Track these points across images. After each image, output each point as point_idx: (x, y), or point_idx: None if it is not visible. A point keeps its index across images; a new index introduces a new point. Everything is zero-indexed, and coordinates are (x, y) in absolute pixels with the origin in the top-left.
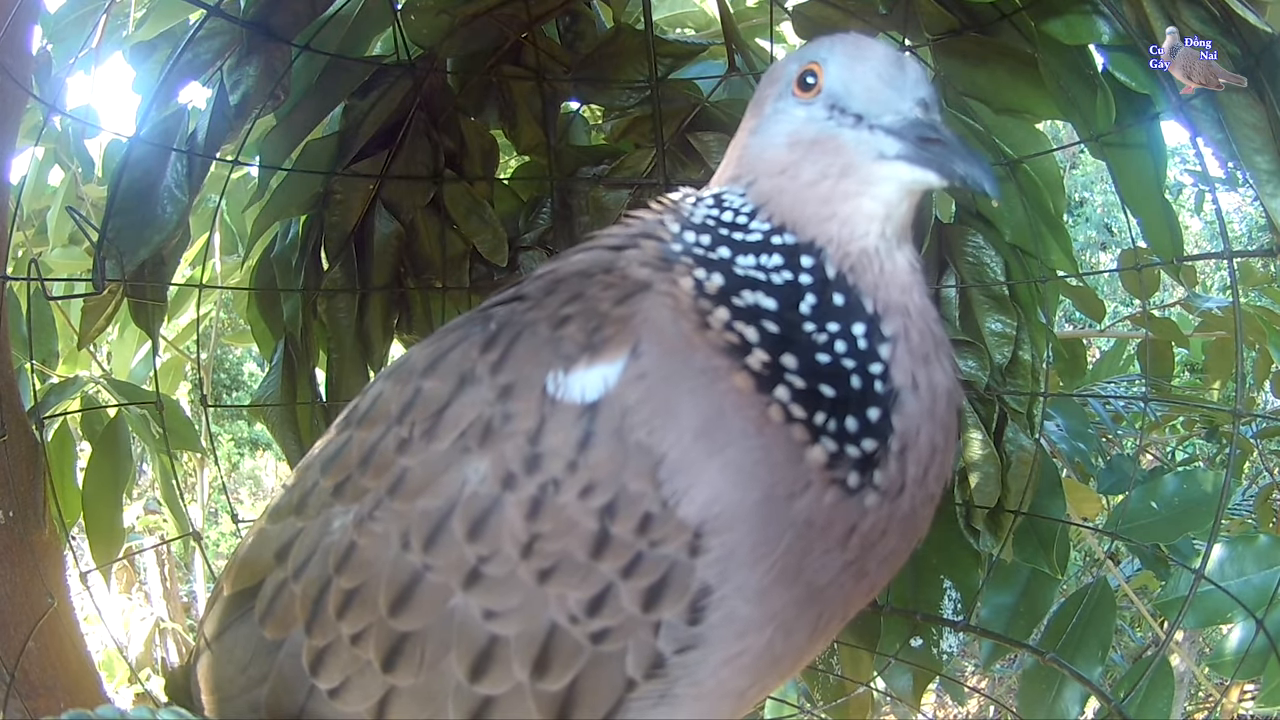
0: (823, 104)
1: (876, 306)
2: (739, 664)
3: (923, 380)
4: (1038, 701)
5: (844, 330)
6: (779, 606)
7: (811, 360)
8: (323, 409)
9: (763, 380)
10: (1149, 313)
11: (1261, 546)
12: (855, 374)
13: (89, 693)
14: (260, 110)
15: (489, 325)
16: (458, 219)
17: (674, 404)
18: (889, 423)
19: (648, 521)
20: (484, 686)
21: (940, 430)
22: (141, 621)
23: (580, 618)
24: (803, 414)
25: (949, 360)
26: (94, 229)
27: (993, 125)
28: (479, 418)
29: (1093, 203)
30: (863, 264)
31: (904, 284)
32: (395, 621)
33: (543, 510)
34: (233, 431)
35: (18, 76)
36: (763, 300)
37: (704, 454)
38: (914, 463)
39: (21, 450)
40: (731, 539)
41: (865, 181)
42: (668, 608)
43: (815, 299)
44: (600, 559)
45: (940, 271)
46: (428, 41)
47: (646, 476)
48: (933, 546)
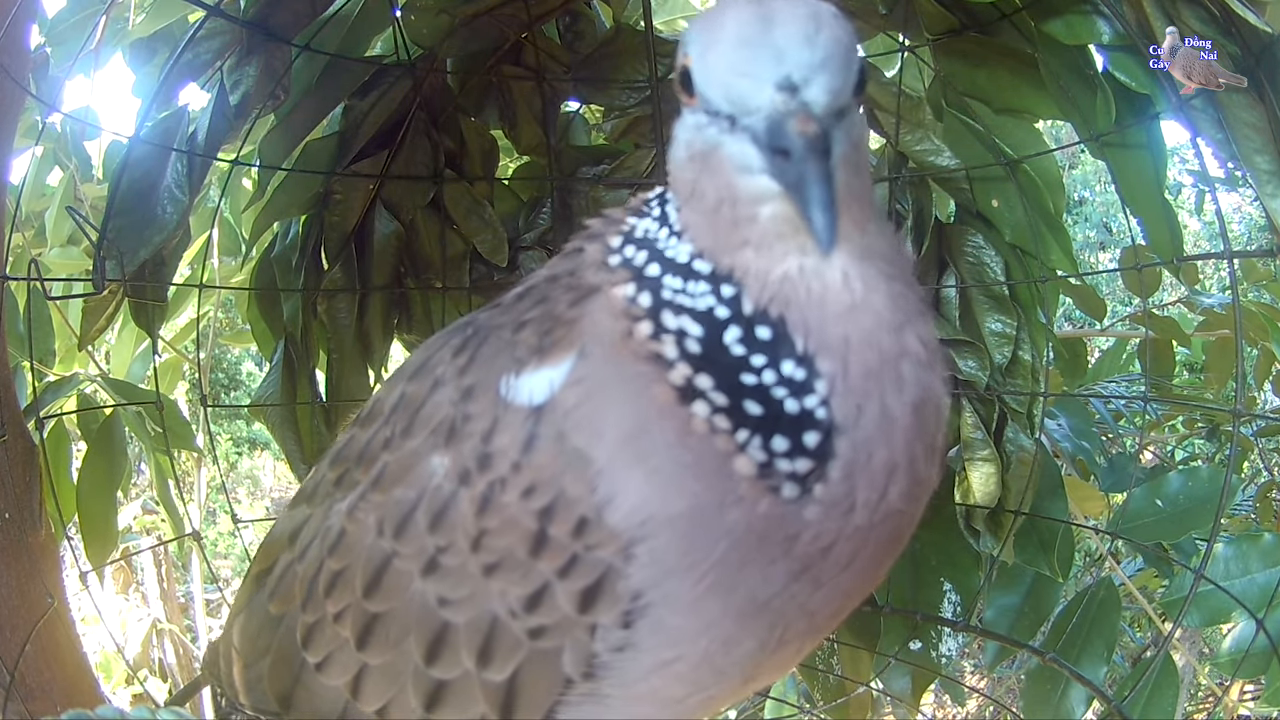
0: (702, 106)
1: (808, 344)
2: (672, 671)
3: (872, 411)
4: (1042, 702)
5: (772, 363)
6: (714, 616)
7: (735, 381)
8: (323, 409)
9: (684, 393)
10: (1150, 311)
11: (1266, 545)
12: (789, 399)
13: (86, 694)
14: (260, 110)
15: (466, 331)
16: (458, 219)
17: (605, 410)
18: (829, 447)
19: (583, 525)
20: (437, 670)
21: (902, 451)
22: (139, 622)
23: (519, 613)
24: (726, 426)
25: (920, 372)
26: (94, 229)
27: (993, 125)
28: (445, 417)
29: (1093, 203)
30: (787, 293)
31: (842, 309)
32: (368, 602)
33: (490, 507)
34: (231, 431)
35: (16, 76)
36: (687, 325)
37: (630, 461)
38: (866, 485)
39: (18, 450)
40: (659, 547)
41: (753, 203)
42: (603, 611)
43: (740, 331)
44: (539, 558)
45: (940, 271)
46: (428, 41)
47: (583, 481)
48: (932, 547)
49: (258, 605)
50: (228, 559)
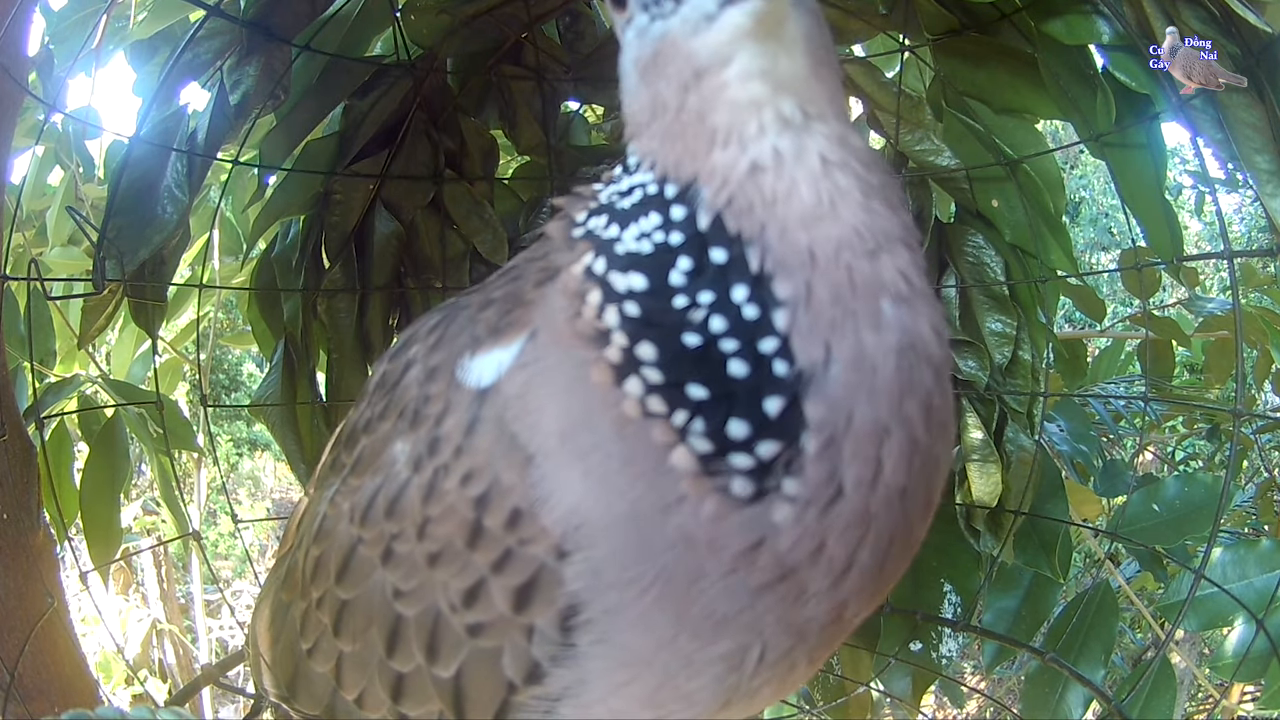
0: (636, 5)
1: (765, 262)
2: (630, 694)
3: (845, 348)
4: (1041, 704)
5: (721, 300)
6: (667, 635)
7: (676, 345)
8: (323, 409)
9: (620, 371)
10: (1150, 312)
11: (1264, 550)
12: (738, 358)
13: (85, 695)
14: (260, 110)
15: (445, 309)
16: (458, 219)
17: (546, 400)
18: (798, 416)
19: (516, 517)
20: (395, 662)
21: (889, 408)
22: (139, 623)
23: (459, 607)
24: (662, 409)
25: (901, 311)
26: (94, 229)
27: (993, 125)
28: (411, 399)
29: (1093, 203)
30: (749, 193)
31: (810, 206)
32: (339, 589)
33: (434, 494)
34: (231, 432)
35: (15, 75)
36: (634, 281)
37: (568, 459)
38: (853, 458)
39: (17, 451)
40: (596, 556)
41: (714, 61)
42: (538, 613)
43: (690, 262)
44: (475, 550)
45: (940, 271)
46: (428, 41)
47: (517, 471)
48: (932, 547)
49: (273, 591)
50: (228, 560)
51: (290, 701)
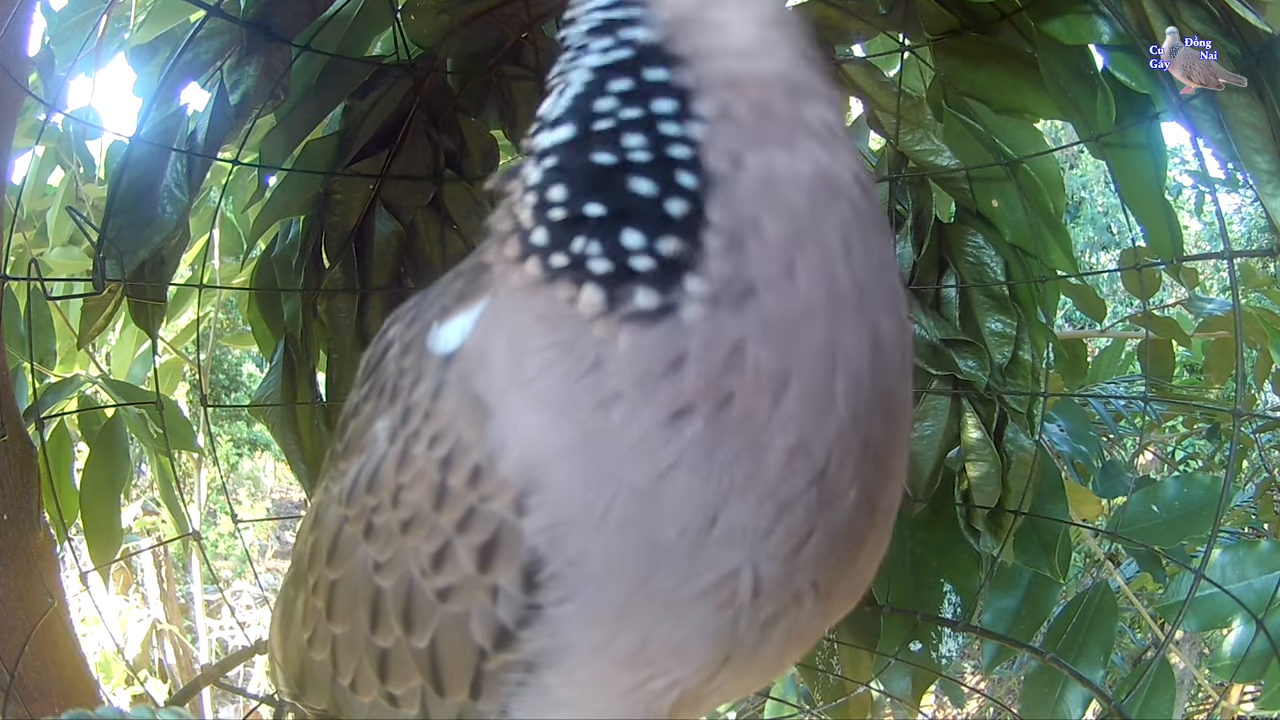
0: None
1: (696, 77)
2: (613, 655)
3: (755, 163)
4: (1041, 704)
5: (645, 116)
6: (639, 575)
7: (586, 170)
8: (323, 409)
9: (530, 247)
10: (1150, 312)
11: (1264, 551)
12: (645, 172)
13: (85, 695)
14: (260, 110)
15: (424, 291)
16: (458, 219)
17: (496, 345)
18: (700, 216)
19: (477, 474)
20: (378, 638)
21: (801, 222)
22: (139, 623)
23: (428, 571)
24: (563, 258)
25: (820, 140)
26: (94, 229)
27: (993, 125)
28: (389, 375)
29: (1093, 203)
30: (695, 17)
31: (748, 43)
32: (329, 570)
33: (405, 460)
34: (232, 432)
35: (16, 75)
36: (560, 133)
37: (515, 394)
38: (762, 258)
39: (17, 451)
40: (552, 497)
41: None
42: (501, 571)
43: (627, 82)
44: (440, 511)
45: (940, 271)
46: (428, 41)
47: (478, 427)
48: (932, 548)
49: (283, 589)
50: (228, 560)
51: (300, 699)
